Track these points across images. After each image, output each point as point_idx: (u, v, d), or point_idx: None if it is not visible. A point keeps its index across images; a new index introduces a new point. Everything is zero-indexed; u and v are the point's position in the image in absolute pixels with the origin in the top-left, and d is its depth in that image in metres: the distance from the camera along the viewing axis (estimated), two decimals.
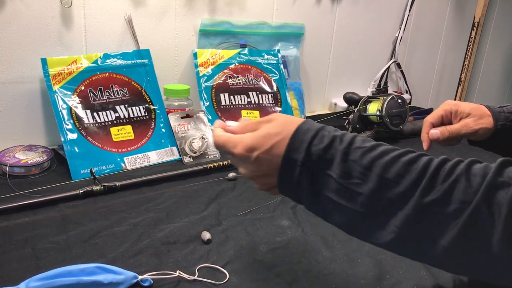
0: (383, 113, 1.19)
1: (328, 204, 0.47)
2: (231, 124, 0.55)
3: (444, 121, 0.87)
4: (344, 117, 1.32)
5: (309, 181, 0.48)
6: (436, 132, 0.84)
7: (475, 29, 1.96)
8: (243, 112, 1.18)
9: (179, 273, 0.60)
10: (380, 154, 0.46)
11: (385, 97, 1.21)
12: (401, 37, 1.68)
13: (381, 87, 1.63)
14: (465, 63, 2.02)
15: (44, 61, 0.96)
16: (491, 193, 0.41)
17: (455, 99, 2.06)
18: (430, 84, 1.99)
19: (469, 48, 1.99)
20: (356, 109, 1.27)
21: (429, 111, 1.55)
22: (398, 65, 1.74)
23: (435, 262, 0.45)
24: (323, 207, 0.48)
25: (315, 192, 0.48)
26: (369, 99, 1.27)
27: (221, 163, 0.98)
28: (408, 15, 1.66)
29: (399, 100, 1.22)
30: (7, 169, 0.88)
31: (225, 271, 0.63)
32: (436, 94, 2.03)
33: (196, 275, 0.62)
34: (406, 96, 1.69)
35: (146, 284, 0.58)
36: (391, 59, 1.71)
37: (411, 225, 0.43)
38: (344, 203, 0.46)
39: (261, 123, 0.52)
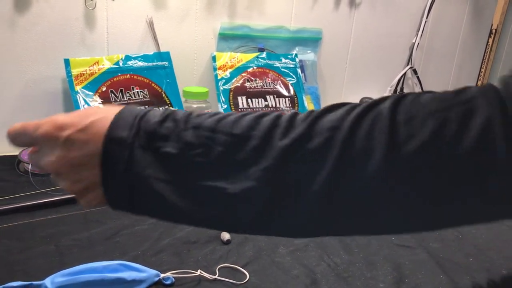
0: None
1: (165, 189, 0.37)
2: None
3: None
4: None
5: (143, 166, 0.36)
6: None
7: (492, 36, 1.95)
8: None
9: (200, 272, 0.61)
10: (223, 116, 0.39)
11: None
12: (418, 43, 1.68)
13: (397, 93, 1.63)
14: (482, 70, 2.01)
15: (67, 62, 0.98)
16: (365, 110, 0.36)
17: None
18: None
19: (486, 56, 1.98)
20: None
21: None
22: (415, 71, 1.73)
23: (301, 224, 0.37)
24: (159, 198, 0.37)
25: (150, 178, 0.36)
26: None
27: None
28: (426, 21, 1.66)
29: None
30: (29, 167, 0.90)
31: (245, 271, 0.64)
32: None
33: (217, 274, 0.62)
34: None
35: (168, 282, 0.59)
36: (407, 65, 1.71)
37: (273, 178, 0.36)
38: (184, 182, 0.37)
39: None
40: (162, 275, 0.60)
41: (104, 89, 0.99)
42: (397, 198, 0.35)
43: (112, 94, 1.00)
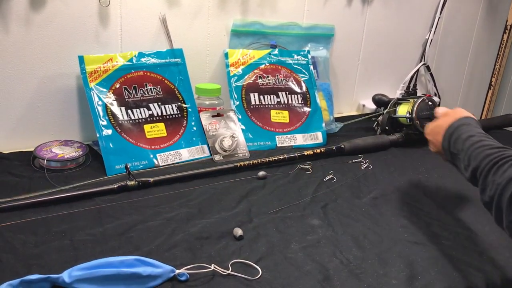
0: (413, 115, 1.18)
1: (458, 165, 0.74)
2: (441, 111, 0.86)
3: None
4: (373, 119, 1.31)
5: (451, 156, 0.76)
6: None
7: (507, 32, 1.93)
8: (272, 112, 1.19)
9: (214, 267, 0.62)
10: (480, 146, 0.68)
11: (415, 99, 1.20)
12: (431, 39, 1.67)
13: (410, 90, 1.62)
14: (496, 66, 1.99)
15: (81, 59, 0.99)
16: None
17: (484, 103, 2.04)
18: (460, 87, 1.97)
19: (501, 51, 1.96)
20: (385, 111, 1.27)
21: None
22: (428, 68, 1.72)
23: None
24: (458, 165, 0.74)
25: (453, 164, 0.76)
26: (399, 101, 1.27)
27: (250, 162, 1.00)
28: (439, 18, 1.65)
29: (430, 103, 1.21)
30: (44, 163, 0.91)
31: (257, 267, 0.65)
32: (465, 98, 2.00)
33: (230, 269, 0.63)
34: (435, 99, 1.68)
35: (183, 278, 0.60)
36: (420, 61, 1.70)
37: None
38: (461, 167, 0.72)
39: (442, 114, 0.84)
40: (177, 271, 0.60)
41: (117, 85, 1.00)
42: None
43: (126, 91, 1.01)
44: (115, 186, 0.85)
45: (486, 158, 0.64)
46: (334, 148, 1.12)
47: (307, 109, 1.22)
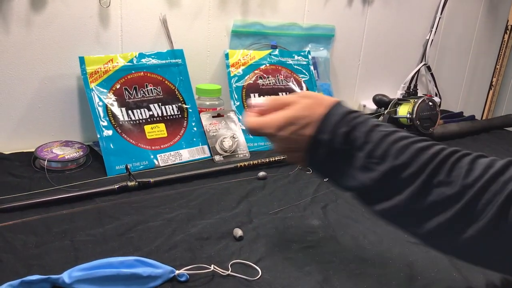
0: (414, 116, 1.18)
1: (349, 177, 0.53)
2: (258, 103, 0.59)
3: None
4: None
5: (334, 160, 0.54)
6: None
7: (508, 32, 1.93)
8: None
9: (213, 268, 0.62)
10: (396, 139, 0.51)
11: (416, 100, 1.21)
12: (432, 40, 1.67)
13: (411, 90, 1.62)
14: (497, 67, 1.99)
15: (81, 60, 0.99)
16: (493, 182, 0.45)
17: (485, 103, 2.03)
18: (460, 87, 1.97)
19: (502, 52, 1.96)
20: (386, 111, 1.27)
21: (460, 114, 1.53)
22: (428, 68, 1.72)
23: (424, 237, 0.50)
24: (344, 180, 0.54)
25: (338, 167, 0.54)
26: (399, 102, 1.27)
27: (251, 162, 1.00)
28: (440, 18, 1.65)
29: (430, 103, 1.21)
30: (45, 164, 0.91)
31: (257, 267, 0.65)
32: (466, 98, 2.00)
33: (230, 270, 0.63)
34: (436, 99, 1.68)
35: (183, 279, 0.60)
36: (421, 61, 1.70)
37: (414, 200, 0.48)
38: (363, 177, 0.52)
39: (291, 102, 0.56)
40: (177, 272, 0.60)
41: (118, 86, 1.00)
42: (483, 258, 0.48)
43: (126, 92, 1.01)
44: (116, 186, 0.85)
45: (421, 154, 0.49)
46: None
47: None
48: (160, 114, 1.03)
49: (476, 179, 0.46)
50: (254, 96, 1.18)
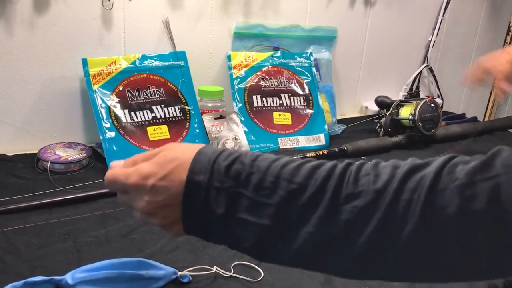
0: (416, 117, 1.18)
1: (238, 227, 0.43)
2: (116, 164, 0.50)
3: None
4: (376, 121, 1.32)
5: (217, 205, 0.43)
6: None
7: (510, 34, 1.93)
8: (275, 114, 1.19)
9: (216, 269, 0.62)
10: (286, 162, 0.44)
11: (418, 101, 1.21)
12: (434, 41, 1.67)
13: (413, 91, 1.62)
14: None
15: (84, 62, 0.99)
16: (407, 180, 0.41)
17: (487, 105, 2.03)
18: (463, 89, 1.97)
19: None
20: (388, 113, 1.27)
21: (462, 116, 1.53)
22: (431, 70, 1.72)
23: (350, 268, 0.43)
24: (233, 232, 0.44)
25: (224, 216, 0.43)
26: (401, 103, 1.27)
27: None
28: (442, 20, 1.65)
29: (432, 105, 1.21)
30: (48, 165, 0.92)
31: (259, 269, 0.65)
32: (468, 99, 2.00)
33: (232, 271, 0.63)
34: (438, 101, 1.68)
35: (185, 280, 0.60)
36: (423, 63, 1.70)
37: (324, 227, 0.41)
38: (255, 220, 0.42)
39: (155, 152, 0.48)
40: (179, 273, 0.61)
41: (121, 88, 1.01)
42: (425, 263, 0.40)
43: (129, 93, 1.01)
44: None
45: (317, 171, 0.43)
46: (336, 150, 1.12)
47: (309, 111, 1.23)
48: (162, 116, 1.03)
49: (388, 182, 0.41)
50: (257, 98, 1.19)
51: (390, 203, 0.40)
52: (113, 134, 0.97)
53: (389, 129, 1.25)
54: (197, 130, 1.06)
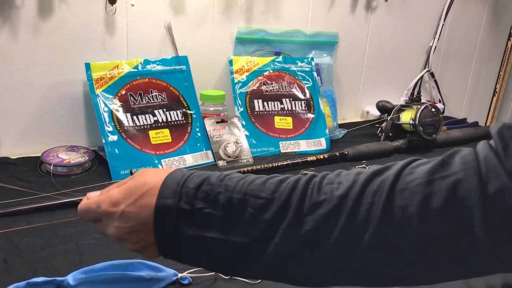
0: (417, 122, 1.19)
1: (210, 246, 0.44)
2: (92, 195, 0.50)
3: None
4: (377, 125, 1.32)
5: (188, 227, 0.44)
6: None
7: (511, 39, 1.93)
8: (276, 118, 1.20)
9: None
10: (253, 179, 0.45)
11: (418, 106, 1.21)
12: (435, 46, 1.67)
13: (414, 96, 1.63)
14: (501, 73, 1.99)
15: (87, 66, 1.00)
16: (368, 184, 0.42)
17: (489, 110, 2.04)
18: (464, 94, 1.97)
19: (505, 58, 1.97)
20: (389, 118, 1.28)
21: (463, 121, 1.54)
22: (432, 75, 1.73)
23: (316, 276, 0.43)
24: (206, 252, 0.45)
25: (196, 237, 0.44)
26: (402, 108, 1.28)
27: (254, 168, 1.01)
28: (443, 25, 1.66)
29: (433, 109, 1.22)
30: (51, 168, 0.93)
31: None
32: (470, 104, 2.01)
33: None
34: (439, 106, 1.68)
35: (186, 282, 0.61)
36: (424, 68, 1.70)
37: (291, 237, 0.42)
38: (227, 237, 0.43)
39: (127, 179, 0.48)
40: (180, 275, 0.61)
41: (123, 92, 1.02)
42: (388, 265, 0.41)
43: (131, 97, 1.02)
44: None
45: (282, 184, 0.44)
46: (337, 154, 1.12)
47: (310, 116, 1.23)
48: (164, 120, 1.04)
49: (350, 187, 0.42)
50: (258, 102, 1.19)
51: (353, 208, 0.41)
52: (115, 137, 0.98)
53: (390, 134, 1.25)
54: (199, 134, 1.07)
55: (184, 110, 1.07)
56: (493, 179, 0.38)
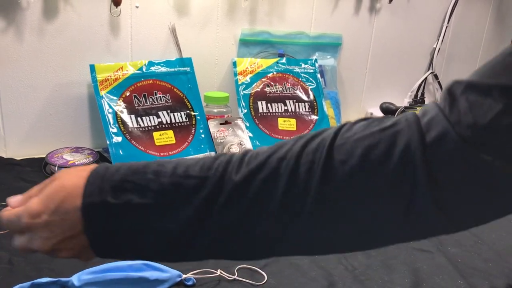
0: None
1: (146, 237, 0.42)
2: (13, 200, 0.46)
3: None
4: None
5: (119, 221, 0.41)
6: None
7: None
8: (280, 120, 1.20)
9: (220, 272, 0.63)
10: (185, 160, 0.43)
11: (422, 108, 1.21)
12: (439, 48, 1.67)
13: (418, 98, 1.63)
14: None
15: (92, 67, 1.01)
16: (309, 142, 0.40)
17: None
18: None
19: None
20: None
21: None
22: (436, 76, 1.72)
23: (261, 247, 0.42)
24: (143, 243, 0.42)
25: (130, 230, 0.41)
26: (406, 109, 1.28)
27: None
28: (447, 26, 1.66)
29: None
30: (56, 169, 0.93)
31: (263, 273, 0.65)
32: None
33: (236, 275, 0.64)
34: None
35: (190, 283, 0.61)
36: (428, 70, 1.70)
37: (230, 212, 0.40)
38: (163, 225, 0.41)
39: (45, 184, 0.45)
40: (184, 276, 0.61)
41: (128, 94, 1.02)
42: (332, 228, 0.40)
43: (136, 99, 1.02)
44: None
45: (214, 163, 0.42)
46: None
47: (314, 117, 1.23)
48: (168, 121, 1.04)
49: (289, 150, 0.41)
50: (262, 104, 1.20)
51: (293, 168, 0.39)
52: (119, 139, 0.98)
53: None
54: (203, 136, 1.08)
55: (188, 111, 1.08)
56: (434, 127, 0.37)
